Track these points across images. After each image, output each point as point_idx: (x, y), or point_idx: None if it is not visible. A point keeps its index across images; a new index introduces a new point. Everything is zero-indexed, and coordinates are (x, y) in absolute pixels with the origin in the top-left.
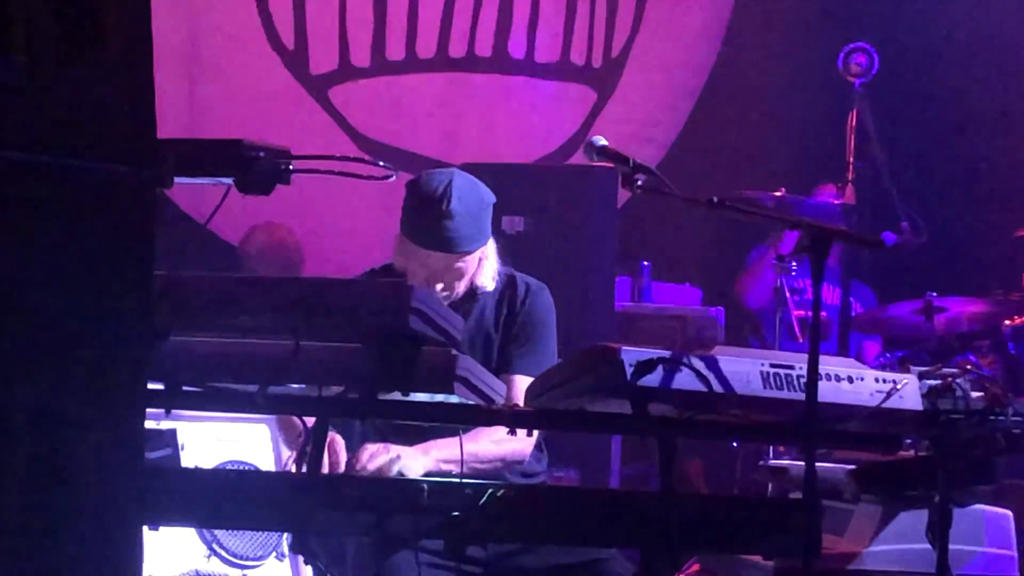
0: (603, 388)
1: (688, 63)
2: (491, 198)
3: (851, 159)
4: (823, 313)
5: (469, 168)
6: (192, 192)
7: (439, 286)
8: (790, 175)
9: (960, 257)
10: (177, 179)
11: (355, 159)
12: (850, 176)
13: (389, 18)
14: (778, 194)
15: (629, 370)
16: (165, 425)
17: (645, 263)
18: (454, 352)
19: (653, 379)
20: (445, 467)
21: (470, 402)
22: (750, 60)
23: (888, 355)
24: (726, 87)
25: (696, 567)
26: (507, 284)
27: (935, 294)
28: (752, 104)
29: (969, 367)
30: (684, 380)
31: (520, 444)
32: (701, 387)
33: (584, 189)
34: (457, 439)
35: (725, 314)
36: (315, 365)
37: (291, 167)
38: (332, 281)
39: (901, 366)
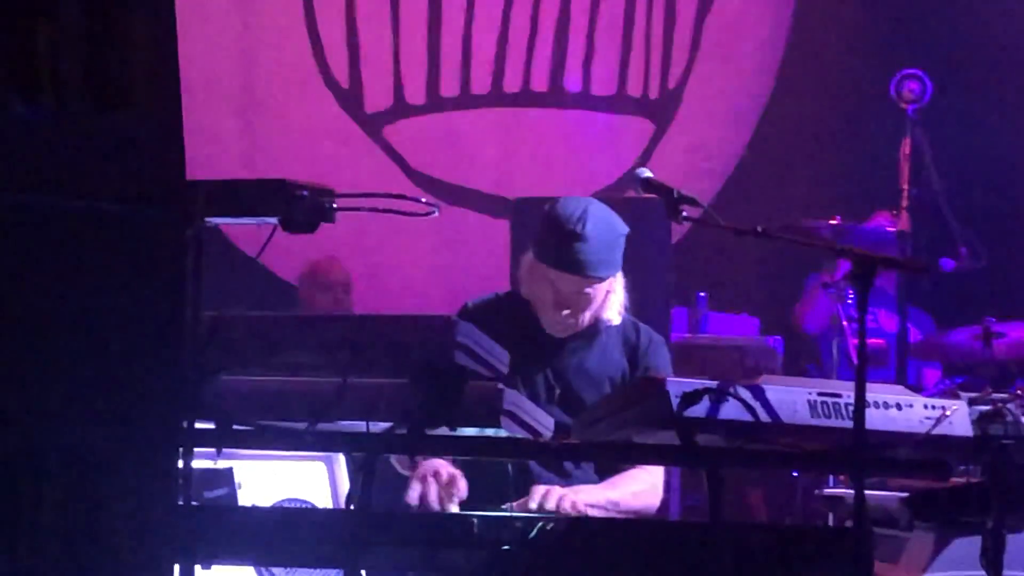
0: (650, 419)
1: (745, 93)
2: (624, 229)
3: (905, 186)
4: (881, 340)
5: (527, 202)
6: (249, 232)
7: (565, 312)
8: (847, 202)
9: (1020, 282)
10: (222, 219)
11: (398, 196)
12: (904, 203)
13: (443, 55)
14: (833, 222)
15: (675, 401)
16: (222, 464)
17: (702, 294)
18: (500, 386)
19: (699, 410)
20: (590, 511)
21: (518, 436)
22: (805, 89)
23: (947, 381)
24: (783, 116)
25: None
26: (631, 328)
27: (994, 319)
28: (809, 132)
29: (1020, 392)
30: (730, 410)
31: (653, 499)
32: (748, 417)
33: (640, 221)
34: (603, 486)
35: (783, 343)
36: (363, 401)
37: (335, 205)
38: (377, 317)
39: (951, 393)
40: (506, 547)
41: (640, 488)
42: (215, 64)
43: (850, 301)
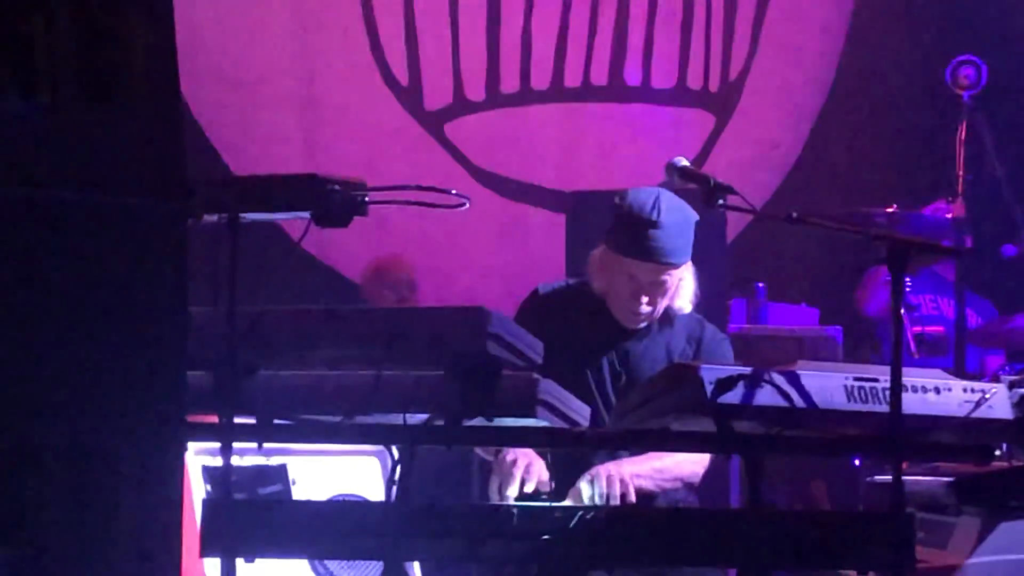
0: (685, 406)
1: (806, 84)
2: (695, 216)
3: (960, 172)
4: (941, 328)
5: (582, 195)
6: (313, 231)
7: (644, 299)
8: (909, 190)
9: None
10: (254, 215)
11: (429, 188)
12: (960, 189)
13: (503, 51)
14: (890, 210)
15: (709, 388)
16: (275, 461)
17: (760, 284)
18: (535, 376)
19: (734, 396)
20: (637, 482)
21: (555, 426)
22: (865, 78)
23: (1008, 368)
24: (844, 106)
25: None
26: (696, 323)
27: None
28: (870, 121)
29: None
30: (766, 397)
31: (696, 466)
32: (783, 403)
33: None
34: (645, 456)
35: (843, 333)
36: (399, 394)
37: (367, 199)
38: (410, 310)
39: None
40: (545, 537)
41: (682, 456)
42: (274, 65)
43: (908, 289)
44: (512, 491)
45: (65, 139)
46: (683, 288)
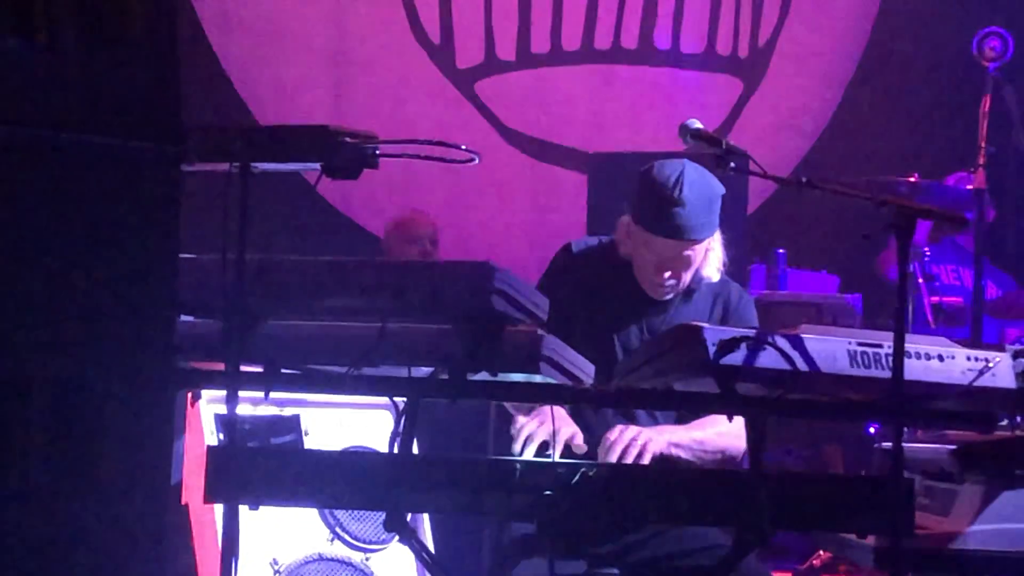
0: (687, 366)
1: (836, 52)
2: (721, 189)
3: (983, 143)
4: (959, 298)
5: (603, 157)
6: (338, 186)
7: (667, 274)
8: (933, 160)
9: None
10: (265, 165)
11: (439, 143)
12: (982, 160)
13: (534, 11)
14: (912, 180)
15: (712, 349)
16: (289, 411)
17: (781, 251)
18: (540, 332)
19: (736, 358)
20: (675, 451)
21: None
22: (894, 48)
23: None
24: (872, 75)
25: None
26: (723, 285)
27: None
28: (897, 92)
29: None
30: (768, 359)
31: (738, 441)
32: (786, 366)
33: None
34: (688, 427)
35: (863, 301)
36: (404, 346)
37: (377, 151)
38: (416, 263)
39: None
40: (547, 492)
41: (725, 429)
42: (305, 20)
43: (927, 259)
44: (529, 451)
45: (61, 80)
46: (710, 258)
